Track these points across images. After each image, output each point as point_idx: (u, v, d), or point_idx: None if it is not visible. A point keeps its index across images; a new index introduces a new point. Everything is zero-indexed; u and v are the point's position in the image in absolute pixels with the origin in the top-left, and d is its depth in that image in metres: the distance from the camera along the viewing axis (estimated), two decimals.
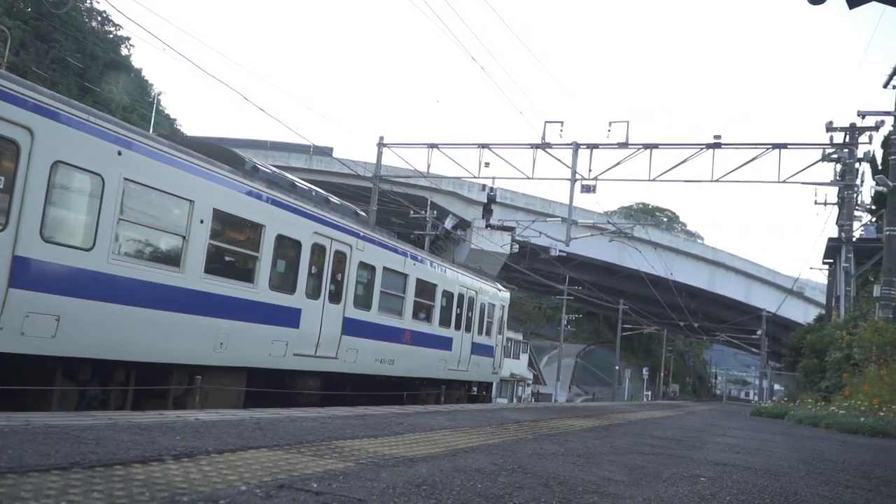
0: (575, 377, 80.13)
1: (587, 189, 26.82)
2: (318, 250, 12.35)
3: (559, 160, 27.30)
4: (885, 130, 27.16)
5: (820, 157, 25.71)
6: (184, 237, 9.51)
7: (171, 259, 9.43)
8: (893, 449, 9.81)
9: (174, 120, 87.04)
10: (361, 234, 13.77)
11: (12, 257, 7.30)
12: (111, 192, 8.38)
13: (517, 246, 38.94)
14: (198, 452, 3.92)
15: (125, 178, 8.56)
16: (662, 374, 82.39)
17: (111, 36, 74.61)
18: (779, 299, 53.68)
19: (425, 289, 16.41)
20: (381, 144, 29.93)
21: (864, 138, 26.02)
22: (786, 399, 33.23)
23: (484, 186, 33.55)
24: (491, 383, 21.84)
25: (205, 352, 9.95)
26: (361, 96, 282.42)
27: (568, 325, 66.57)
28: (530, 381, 58.43)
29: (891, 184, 20.29)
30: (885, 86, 21.06)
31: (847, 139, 26.07)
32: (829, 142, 26.14)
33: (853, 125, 25.78)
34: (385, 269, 14.56)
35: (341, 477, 3.55)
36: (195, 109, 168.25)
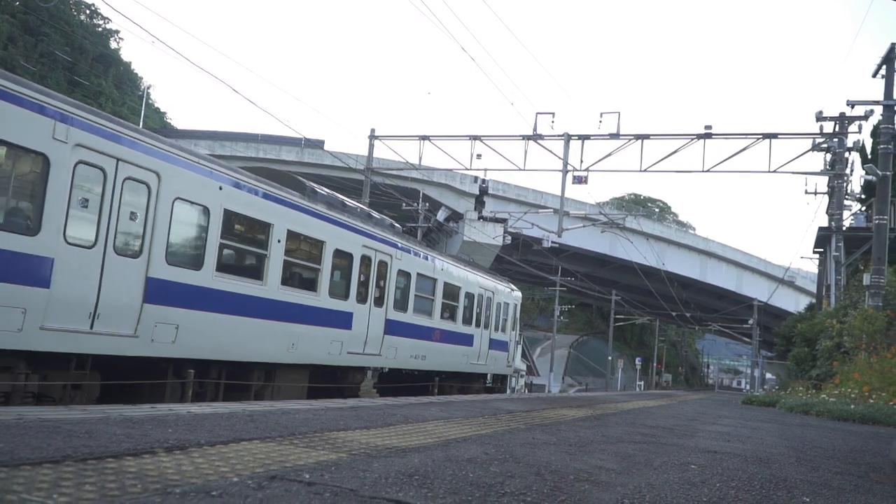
0: (568, 368, 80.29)
1: (579, 180, 26.83)
2: (365, 261, 14.10)
3: (551, 151, 27.33)
4: (874, 120, 27.31)
5: (810, 146, 25.80)
6: (265, 255, 11.20)
7: (256, 274, 11.13)
8: (883, 436, 9.89)
9: (164, 113, 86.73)
10: (399, 244, 15.56)
11: (145, 278, 8.97)
12: (215, 221, 10.09)
13: (509, 237, 38.95)
14: (190, 445, 3.93)
15: (224, 209, 10.24)
16: (655, 365, 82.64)
17: (100, 29, 74.10)
18: (770, 289, 53.91)
19: (451, 291, 18.13)
20: (372, 137, 29.86)
21: (853, 128, 26.11)
22: (777, 388, 33.45)
23: (476, 178, 33.54)
24: (506, 375, 23.47)
25: (280, 352, 11.61)
26: (353, 89, 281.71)
27: (561, 316, 66.70)
28: (524, 373, 58.49)
29: (880, 173, 20.39)
30: (874, 75, 21.11)
31: (837, 129, 26.15)
32: (818, 131, 26.22)
33: (843, 115, 25.85)
34: (419, 274, 16.28)
35: (333, 468, 3.56)
36: (185, 102, 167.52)
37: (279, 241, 11.37)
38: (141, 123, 47.42)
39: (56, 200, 7.81)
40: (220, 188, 10.15)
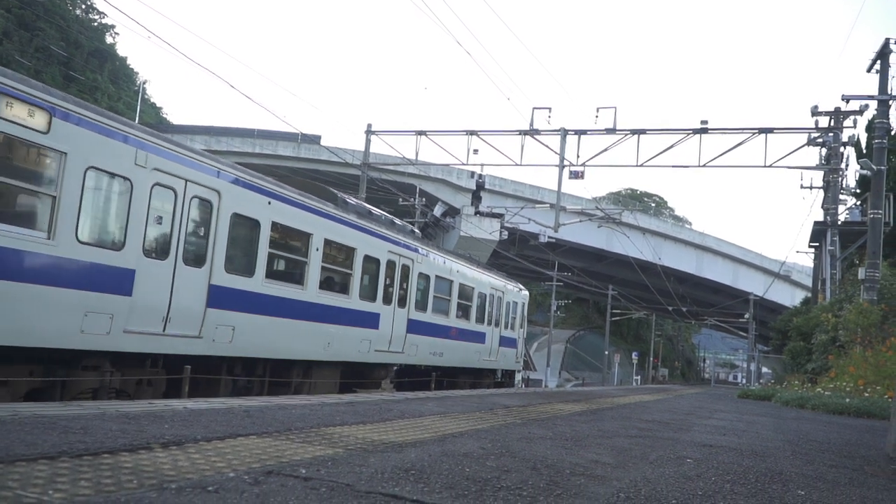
0: (565, 363, 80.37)
1: (575, 175, 26.86)
2: (390, 265, 15.15)
3: (547, 146, 27.33)
4: (869, 114, 27.33)
5: (805, 141, 25.84)
6: (305, 262, 12.19)
7: (298, 279, 12.11)
8: (878, 429, 9.93)
9: (160, 108, 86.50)
10: (420, 249, 16.66)
11: (208, 286, 9.96)
12: (264, 232, 11.10)
13: (506, 232, 38.96)
14: (186, 440, 3.92)
15: (272, 221, 11.25)
16: (651, 359, 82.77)
17: (96, 24, 73.86)
18: (766, 283, 54.03)
19: (465, 292, 19.25)
20: (369, 132, 29.83)
21: (848, 122, 26.16)
22: (773, 381, 33.54)
23: (473, 173, 33.50)
24: (514, 371, 24.39)
25: (317, 350, 12.63)
26: (349, 84, 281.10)
27: (557, 310, 66.81)
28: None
29: (875, 167, 20.44)
30: (869, 70, 21.15)
31: (832, 123, 26.19)
32: (814, 126, 26.26)
33: (838, 109, 25.88)
34: (437, 277, 17.38)
35: (330, 463, 3.56)
36: (181, 98, 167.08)
37: (317, 249, 12.41)
38: (137, 119, 47.27)
39: (137, 218, 8.87)
40: (269, 203, 11.19)
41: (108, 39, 75.81)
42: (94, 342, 8.32)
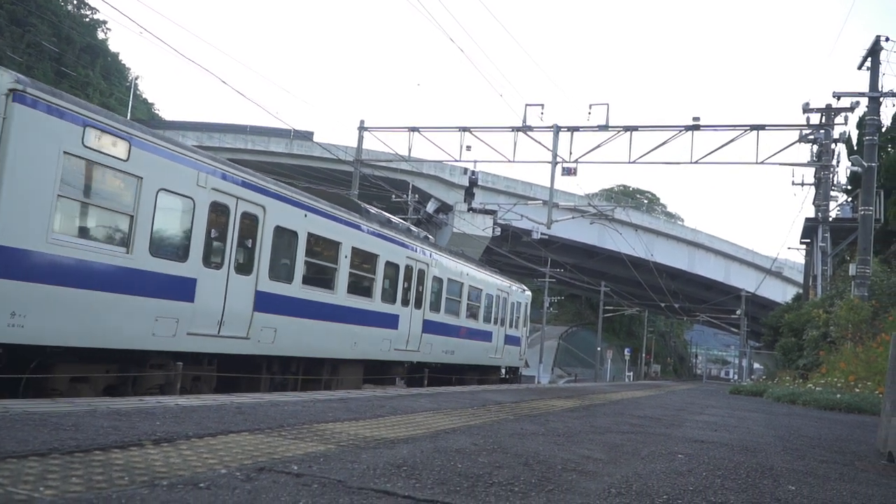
0: (557, 359, 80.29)
1: (568, 172, 26.87)
2: (408, 270, 16.10)
3: (540, 143, 27.34)
4: (860, 111, 27.42)
5: (797, 138, 25.89)
6: (335, 269, 13.17)
7: (329, 284, 13.09)
8: (868, 424, 9.98)
9: (152, 104, 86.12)
10: (434, 254, 17.61)
11: (255, 292, 10.89)
12: (301, 242, 12.06)
13: (499, 229, 38.98)
14: (178, 437, 3.92)
15: (308, 232, 12.21)
16: (644, 355, 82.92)
17: (87, 19, 73.47)
18: (758, 279, 54.20)
19: (474, 293, 20.32)
20: (361, 128, 29.76)
21: (839, 119, 26.23)
22: (764, 377, 33.69)
23: (465, 170, 33.48)
24: (518, 367, 25.60)
25: (345, 349, 13.64)
26: (342, 80, 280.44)
27: (550, 307, 66.81)
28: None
29: (865, 164, 20.52)
30: (860, 67, 21.25)
31: (823, 120, 26.26)
32: (805, 123, 26.32)
33: (829, 106, 25.95)
34: (449, 279, 18.38)
35: (322, 459, 3.57)
36: (173, 94, 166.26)
37: (346, 257, 13.38)
38: (129, 115, 47.00)
39: (198, 233, 9.79)
40: (305, 215, 12.10)
41: (100, 35, 75.42)
42: (163, 343, 9.29)
